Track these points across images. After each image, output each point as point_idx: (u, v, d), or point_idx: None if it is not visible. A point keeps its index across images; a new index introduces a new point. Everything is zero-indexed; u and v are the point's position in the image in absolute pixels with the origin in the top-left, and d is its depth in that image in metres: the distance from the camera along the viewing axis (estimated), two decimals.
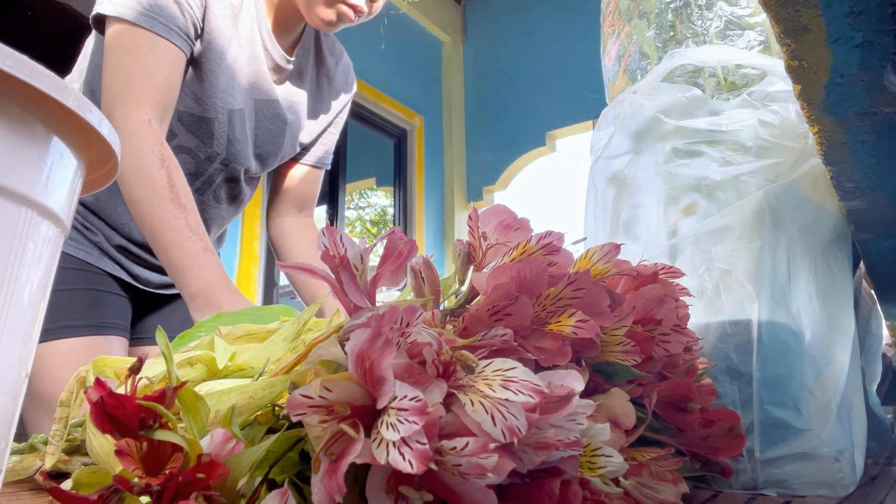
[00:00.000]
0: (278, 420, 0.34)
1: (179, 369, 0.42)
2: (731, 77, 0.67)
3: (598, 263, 0.43)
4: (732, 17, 0.70)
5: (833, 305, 0.57)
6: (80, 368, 0.48)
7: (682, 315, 0.47)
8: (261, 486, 0.30)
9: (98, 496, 0.28)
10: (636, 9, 0.78)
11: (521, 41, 4.58)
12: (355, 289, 0.36)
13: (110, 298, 1.10)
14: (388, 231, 0.39)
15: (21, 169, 0.24)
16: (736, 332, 0.56)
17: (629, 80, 0.78)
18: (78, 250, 1.07)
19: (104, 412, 0.27)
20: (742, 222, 0.58)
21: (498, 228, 0.41)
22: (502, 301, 0.35)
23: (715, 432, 0.48)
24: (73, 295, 1.05)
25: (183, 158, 1.06)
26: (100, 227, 1.09)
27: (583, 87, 4.12)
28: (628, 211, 0.68)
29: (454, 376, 0.29)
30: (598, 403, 0.37)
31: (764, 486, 0.53)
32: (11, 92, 0.23)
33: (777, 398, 0.54)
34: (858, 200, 0.55)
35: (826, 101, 0.41)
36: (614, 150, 0.70)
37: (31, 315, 0.26)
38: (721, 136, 0.62)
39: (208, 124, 1.06)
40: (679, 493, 0.40)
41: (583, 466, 0.33)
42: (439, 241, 4.56)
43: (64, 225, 0.28)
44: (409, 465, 0.24)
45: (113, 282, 1.11)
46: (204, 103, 1.04)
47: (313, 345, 0.35)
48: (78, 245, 1.07)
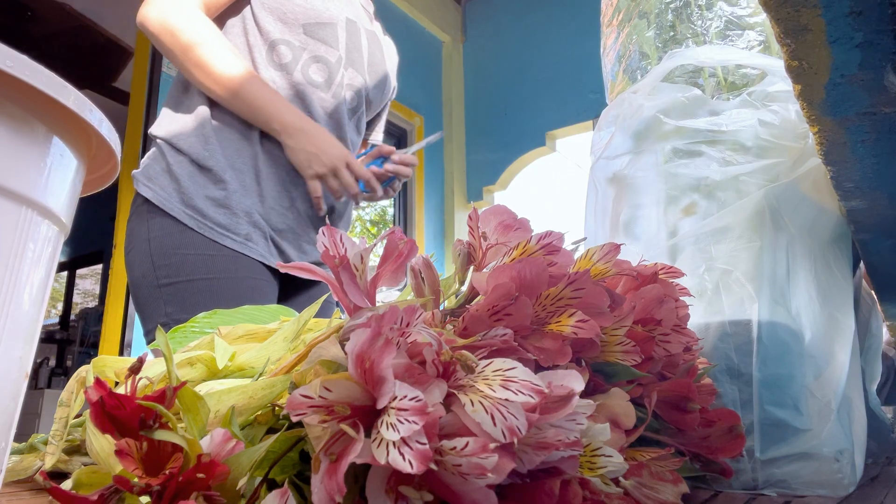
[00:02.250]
0: (278, 420, 0.34)
1: (179, 369, 0.42)
2: (731, 77, 0.67)
3: (598, 263, 0.43)
4: (732, 17, 0.70)
5: (833, 305, 0.57)
6: (80, 368, 0.48)
7: (682, 315, 0.47)
8: (261, 486, 0.30)
9: (98, 496, 0.28)
10: (636, 9, 0.78)
11: (521, 41, 4.57)
12: (355, 289, 0.36)
13: (261, 285, 1.10)
14: (388, 231, 0.39)
15: (21, 169, 0.24)
16: (736, 332, 0.56)
17: (629, 80, 0.78)
18: (229, 240, 1.07)
19: (104, 412, 0.27)
20: (742, 222, 0.58)
21: (498, 228, 0.41)
22: (502, 301, 0.35)
23: (715, 432, 0.48)
24: (224, 283, 1.05)
25: (318, 67, 1.16)
26: (239, 210, 1.09)
27: (583, 87, 4.12)
28: (628, 211, 0.68)
29: (454, 376, 0.29)
30: (598, 403, 0.37)
31: (764, 486, 0.53)
32: (11, 92, 0.23)
33: (777, 398, 0.54)
34: (858, 200, 0.55)
35: (826, 101, 0.41)
36: (614, 150, 0.70)
37: (31, 315, 0.26)
38: (721, 136, 0.62)
39: (332, 29, 1.17)
40: (679, 493, 0.40)
41: (583, 466, 0.33)
42: (439, 241, 4.56)
43: (64, 225, 0.28)
44: (409, 465, 0.24)
45: (261, 268, 1.10)
46: (326, 10, 1.16)
47: (313, 345, 0.35)
48: (228, 234, 1.08)
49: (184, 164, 1.08)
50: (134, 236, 1.09)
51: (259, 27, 1.12)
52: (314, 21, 1.15)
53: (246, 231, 1.08)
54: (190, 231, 1.05)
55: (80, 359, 5.55)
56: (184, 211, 1.06)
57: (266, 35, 1.12)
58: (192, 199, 1.06)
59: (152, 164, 1.10)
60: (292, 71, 1.13)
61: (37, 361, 5.29)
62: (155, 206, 1.06)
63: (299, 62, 1.14)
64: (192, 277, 1.04)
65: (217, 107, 1.10)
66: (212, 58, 1.05)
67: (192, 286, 1.03)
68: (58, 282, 7.06)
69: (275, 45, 1.12)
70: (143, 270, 1.06)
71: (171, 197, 1.06)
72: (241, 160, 1.10)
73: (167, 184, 1.07)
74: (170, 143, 1.10)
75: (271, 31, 1.12)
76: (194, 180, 1.07)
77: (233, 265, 1.06)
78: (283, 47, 1.13)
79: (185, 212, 1.06)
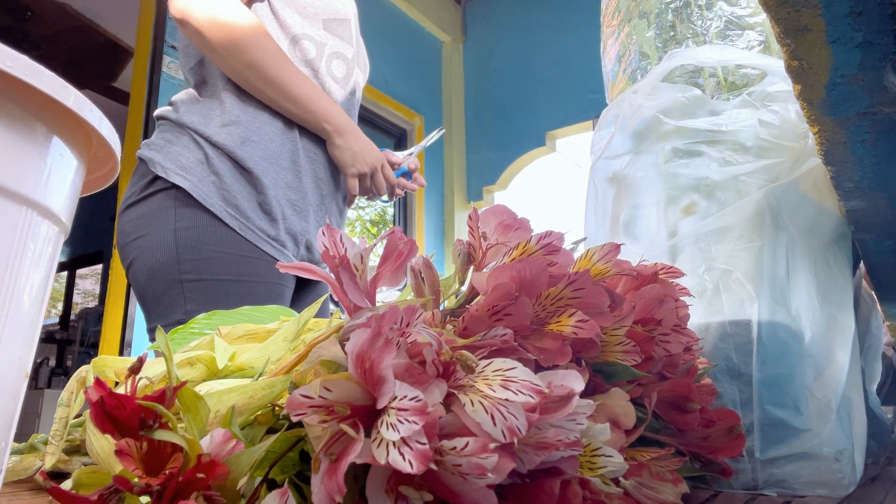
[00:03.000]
0: (278, 420, 0.34)
1: (179, 369, 0.42)
2: (731, 77, 0.67)
3: (598, 263, 0.43)
4: (732, 17, 0.70)
5: (833, 305, 0.57)
6: (80, 368, 0.48)
7: (682, 315, 0.47)
8: (261, 486, 0.30)
9: (98, 496, 0.28)
10: (636, 9, 0.78)
11: (521, 41, 4.58)
12: (355, 289, 0.36)
13: (285, 292, 1.08)
14: (388, 231, 0.39)
15: (21, 169, 0.24)
16: (736, 332, 0.56)
17: (629, 80, 0.77)
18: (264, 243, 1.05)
19: (104, 412, 0.27)
20: (742, 222, 0.58)
21: (498, 228, 0.41)
22: (502, 301, 0.35)
23: (715, 432, 0.48)
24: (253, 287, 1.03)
25: (338, 63, 1.17)
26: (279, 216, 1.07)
27: (583, 87, 4.12)
28: (628, 211, 0.68)
29: (454, 376, 0.29)
30: (598, 403, 0.37)
31: (764, 486, 0.53)
32: (12, 92, 0.23)
33: (777, 398, 0.54)
34: (858, 200, 0.55)
35: (826, 101, 0.41)
36: (614, 150, 0.70)
37: (31, 315, 0.26)
38: (721, 136, 0.62)
39: (347, 25, 1.18)
40: (679, 493, 0.40)
41: (583, 466, 0.33)
42: (439, 241, 4.56)
43: (64, 225, 0.28)
44: (409, 465, 0.24)
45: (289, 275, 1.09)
46: (343, 6, 1.17)
47: (313, 345, 0.35)
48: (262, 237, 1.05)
49: (224, 160, 1.02)
50: (151, 222, 1.01)
51: (279, 21, 1.10)
52: (332, 17, 1.15)
53: (283, 238, 1.07)
54: (225, 229, 1.00)
55: (80, 359, 5.55)
56: (225, 209, 1.00)
57: (287, 29, 1.10)
58: (234, 198, 1.01)
59: (183, 153, 1.02)
60: (318, 67, 1.13)
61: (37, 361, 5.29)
62: (188, 196, 0.99)
63: (323, 58, 1.14)
64: (222, 277, 0.99)
65: (252, 100, 1.06)
66: (268, 60, 1.01)
67: (220, 286, 0.99)
68: (58, 282, 7.06)
69: (297, 39, 1.11)
70: (162, 261, 0.99)
71: (210, 192, 1.00)
72: (283, 155, 1.07)
73: (205, 176, 1.01)
74: (203, 136, 1.03)
75: (292, 24, 1.10)
76: (236, 178, 1.02)
77: (266, 270, 1.03)
78: (307, 42, 1.12)
79: (226, 210, 1.00)
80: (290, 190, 1.08)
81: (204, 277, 0.99)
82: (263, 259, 1.03)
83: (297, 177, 1.08)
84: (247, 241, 1.01)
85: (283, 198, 1.06)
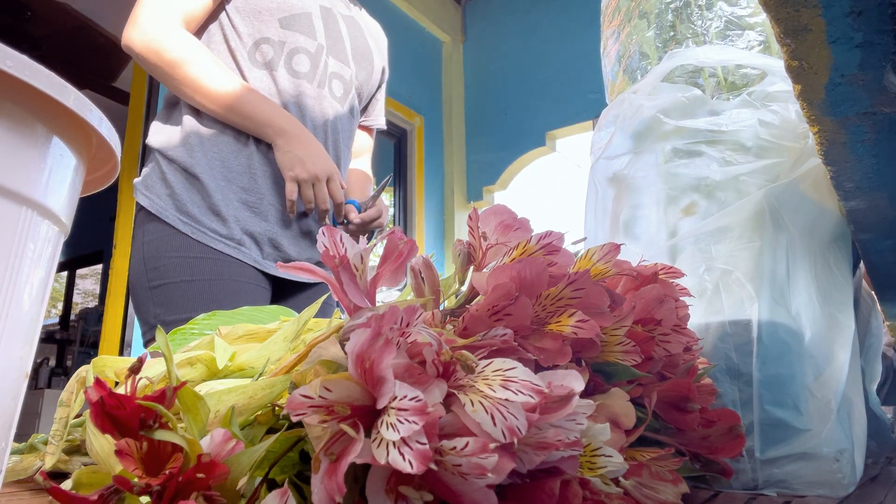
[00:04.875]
0: (278, 420, 0.34)
1: (179, 369, 0.42)
2: (731, 77, 0.67)
3: (598, 263, 0.43)
4: (732, 17, 0.70)
5: (833, 305, 0.57)
6: (80, 368, 0.48)
7: (682, 315, 0.47)
8: (261, 486, 0.30)
9: (98, 496, 0.28)
10: (636, 9, 0.78)
11: (521, 41, 4.57)
12: (355, 289, 0.36)
13: (247, 288, 1.11)
14: (388, 231, 0.39)
15: (21, 169, 0.24)
16: (736, 332, 0.56)
17: (629, 80, 0.78)
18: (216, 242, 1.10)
19: (104, 412, 0.27)
20: (742, 222, 0.58)
21: (498, 228, 0.41)
22: (502, 301, 0.35)
23: (715, 432, 0.48)
24: (206, 285, 1.08)
25: (299, 59, 1.18)
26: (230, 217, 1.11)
27: (583, 87, 4.12)
28: (628, 211, 0.68)
29: (454, 376, 0.29)
30: (598, 403, 0.37)
31: (764, 486, 0.53)
32: (11, 92, 0.23)
33: (777, 398, 0.54)
34: (858, 200, 0.55)
35: (826, 101, 0.41)
36: (614, 150, 0.70)
37: (31, 315, 0.26)
38: (721, 136, 0.62)
39: (307, 18, 1.19)
40: (679, 493, 0.40)
41: (583, 466, 0.33)
42: (439, 241, 4.56)
43: (64, 225, 0.28)
44: (409, 465, 0.24)
45: (253, 272, 1.12)
46: (299, 1, 1.18)
47: (313, 345, 0.35)
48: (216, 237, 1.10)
49: (176, 173, 1.12)
50: (133, 242, 1.15)
51: (237, 31, 1.15)
52: (288, 14, 1.17)
53: (239, 236, 1.11)
54: (181, 236, 1.08)
55: (80, 359, 5.55)
56: (178, 218, 1.09)
57: (245, 37, 1.15)
58: (185, 206, 1.09)
59: (150, 174, 1.15)
60: (276, 67, 1.16)
61: (37, 361, 5.29)
62: (150, 214, 1.11)
63: (281, 57, 1.16)
64: (176, 280, 1.07)
65: (204, 116, 1.13)
66: (200, 74, 1.07)
67: (176, 288, 1.07)
68: (58, 282, 7.06)
69: (257, 45, 1.15)
70: (137, 274, 1.11)
71: (166, 205, 1.10)
72: (237, 160, 1.12)
73: (162, 192, 1.11)
74: (162, 153, 1.14)
75: (250, 32, 1.15)
76: (186, 188, 1.11)
77: (217, 268, 1.08)
78: (265, 46, 1.15)
79: (179, 218, 1.09)
80: (245, 192, 1.12)
81: (165, 282, 1.08)
82: (218, 258, 1.09)
83: (252, 180, 1.13)
84: (199, 242, 1.08)
85: (235, 199, 1.12)
